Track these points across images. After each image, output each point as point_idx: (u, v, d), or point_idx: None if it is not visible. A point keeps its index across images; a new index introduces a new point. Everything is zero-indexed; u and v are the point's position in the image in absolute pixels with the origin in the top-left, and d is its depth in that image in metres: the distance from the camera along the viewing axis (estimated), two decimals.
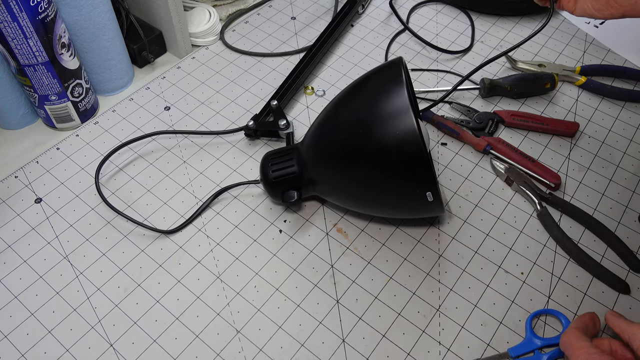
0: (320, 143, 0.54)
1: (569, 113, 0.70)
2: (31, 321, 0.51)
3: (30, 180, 0.62)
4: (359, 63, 0.76)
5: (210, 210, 0.60)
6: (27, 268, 0.54)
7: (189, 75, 0.74)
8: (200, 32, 0.77)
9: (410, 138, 0.46)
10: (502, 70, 0.76)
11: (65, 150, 0.65)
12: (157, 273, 0.54)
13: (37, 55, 0.58)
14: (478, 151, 0.65)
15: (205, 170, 0.63)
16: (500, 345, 0.50)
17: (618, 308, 0.53)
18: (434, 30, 0.81)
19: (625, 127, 0.69)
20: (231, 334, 0.51)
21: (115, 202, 0.59)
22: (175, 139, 0.66)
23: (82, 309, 0.52)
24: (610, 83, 0.74)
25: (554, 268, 0.56)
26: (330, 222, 0.59)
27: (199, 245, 0.57)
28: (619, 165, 0.65)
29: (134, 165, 0.63)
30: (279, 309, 0.52)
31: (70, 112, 0.65)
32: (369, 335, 0.51)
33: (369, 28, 0.82)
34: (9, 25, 0.54)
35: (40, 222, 0.58)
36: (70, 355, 0.49)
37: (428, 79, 0.74)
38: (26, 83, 0.61)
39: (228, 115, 0.69)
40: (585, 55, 0.78)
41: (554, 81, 0.70)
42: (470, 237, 0.58)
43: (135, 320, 0.51)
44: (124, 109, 0.69)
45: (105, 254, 0.56)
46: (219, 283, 0.54)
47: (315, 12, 0.84)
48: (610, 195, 0.62)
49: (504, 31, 0.82)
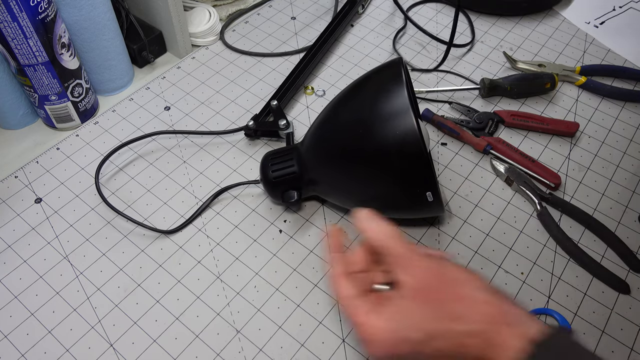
0: (320, 143, 0.54)
1: (569, 113, 0.70)
2: (31, 321, 0.51)
3: (30, 180, 0.62)
4: (359, 63, 0.76)
5: (210, 210, 0.60)
6: (27, 268, 0.54)
7: (189, 75, 0.74)
8: (200, 32, 0.77)
9: (410, 138, 0.46)
10: (502, 70, 0.76)
11: (65, 150, 0.65)
12: (157, 273, 0.54)
13: (37, 55, 0.58)
14: (478, 151, 0.65)
15: (205, 170, 0.63)
16: None
17: (618, 308, 0.53)
18: (434, 31, 0.81)
19: (625, 127, 0.69)
20: (231, 334, 0.51)
21: (115, 202, 0.59)
22: (175, 139, 0.66)
23: (82, 309, 0.52)
24: (610, 83, 0.74)
25: (554, 268, 0.56)
26: (330, 222, 0.59)
27: (199, 245, 0.57)
28: (619, 165, 0.65)
29: (134, 165, 0.63)
30: (279, 309, 0.52)
31: (70, 112, 0.65)
32: None
33: (369, 28, 0.82)
34: (9, 25, 0.54)
35: (40, 222, 0.58)
36: (70, 355, 0.49)
37: (428, 79, 0.74)
38: (26, 83, 0.61)
39: (228, 115, 0.69)
40: (585, 55, 0.78)
41: (554, 81, 0.70)
42: (470, 237, 0.58)
43: (135, 320, 0.51)
44: (124, 109, 0.69)
45: (105, 254, 0.56)
46: (219, 283, 0.54)
47: (315, 12, 0.84)
48: (610, 195, 0.62)
49: (504, 31, 0.82)
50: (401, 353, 0.37)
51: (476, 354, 0.35)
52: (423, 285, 0.37)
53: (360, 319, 0.38)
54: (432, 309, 0.36)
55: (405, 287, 0.37)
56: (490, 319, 0.35)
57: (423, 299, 0.37)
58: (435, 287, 0.37)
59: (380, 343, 0.37)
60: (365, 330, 0.37)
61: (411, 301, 0.37)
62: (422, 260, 0.38)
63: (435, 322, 0.36)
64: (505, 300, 0.37)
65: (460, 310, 0.36)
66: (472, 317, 0.36)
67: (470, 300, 0.36)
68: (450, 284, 0.37)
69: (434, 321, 0.36)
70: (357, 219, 0.41)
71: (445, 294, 0.37)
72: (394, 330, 0.37)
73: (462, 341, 0.36)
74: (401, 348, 0.36)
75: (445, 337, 0.36)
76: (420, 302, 0.37)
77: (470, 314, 0.36)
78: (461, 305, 0.36)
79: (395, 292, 0.38)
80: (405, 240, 0.39)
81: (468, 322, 0.36)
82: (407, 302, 0.37)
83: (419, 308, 0.37)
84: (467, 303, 0.36)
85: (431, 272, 0.38)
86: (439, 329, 0.36)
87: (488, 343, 0.35)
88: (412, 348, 0.36)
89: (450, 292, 0.37)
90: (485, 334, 0.35)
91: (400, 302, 0.37)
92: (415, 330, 0.36)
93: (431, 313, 0.36)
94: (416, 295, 0.37)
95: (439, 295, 0.37)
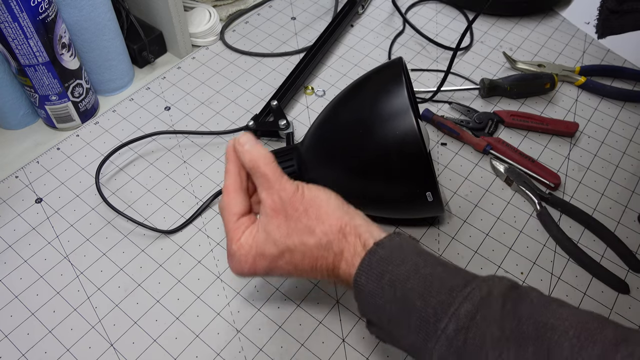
0: (320, 143, 0.54)
1: (568, 113, 0.70)
2: (32, 321, 0.51)
3: (30, 180, 0.62)
4: (359, 63, 0.76)
5: (210, 210, 0.60)
6: (27, 268, 0.54)
7: (189, 75, 0.74)
8: (201, 32, 0.77)
9: (410, 138, 0.47)
10: (501, 70, 0.76)
11: (65, 151, 0.65)
12: (157, 273, 0.54)
13: (38, 55, 0.58)
14: (478, 151, 0.66)
15: (206, 170, 0.63)
16: None
17: (618, 308, 0.53)
18: (433, 31, 0.81)
19: (625, 127, 0.69)
20: (231, 333, 0.51)
21: (116, 202, 0.60)
22: (176, 139, 0.66)
23: (82, 308, 0.52)
24: (610, 83, 0.74)
25: (553, 268, 0.56)
26: None
27: (199, 245, 0.57)
28: (619, 165, 0.65)
29: (134, 165, 0.63)
30: (279, 308, 0.52)
31: (70, 112, 0.65)
32: (369, 335, 0.50)
33: (369, 28, 0.82)
34: (10, 25, 0.54)
35: (40, 222, 0.58)
36: (70, 354, 0.49)
37: (428, 79, 0.75)
38: (27, 83, 0.61)
39: (228, 115, 0.69)
40: (585, 55, 0.78)
41: (553, 81, 0.70)
42: (470, 237, 0.58)
43: (135, 320, 0.51)
44: (124, 109, 0.70)
45: (105, 253, 0.56)
46: (219, 283, 0.54)
47: (315, 12, 0.85)
48: (610, 195, 0.62)
49: (504, 31, 0.82)
50: (259, 268, 0.40)
51: (327, 264, 0.39)
52: (281, 204, 0.40)
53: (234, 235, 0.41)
54: (287, 225, 0.40)
55: (265, 206, 0.40)
56: (337, 230, 0.39)
57: (280, 216, 0.40)
58: (292, 206, 0.40)
59: (240, 258, 0.40)
60: (232, 247, 0.41)
61: (269, 219, 0.40)
62: (287, 183, 0.41)
63: (289, 237, 0.39)
64: (356, 215, 0.41)
65: (313, 225, 0.39)
66: (323, 231, 0.39)
67: (323, 217, 0.40)
68: (307, 203, 0.40)
69: (288, 236, 0.39)
70: (236, 141, 0.42)
71: (301, 212, 0.40)
72: (252, 246, 0.40)
73: (313, 253, 0.39)
74: (259, 263, 0.40)
75: (298, 250, 0.39)
76: (277, 219, 0.40)
77: (321, 228, 0.39)
78: (314, 221, 0.39)
79: (260, 210, 0.41)
80: (277, 167, 0.41)
81: (318, 235, 0.39)
82: (265, 219, 0.40)
83: (275, 225, 0.40)
84: (320, 219, 0.39)
85: (291, 193, 0.40)
86: (292, 243, 0.39)
87: (336, 251, 0.39)
88: (270, 263, 0.40)
89: (306, 210, 0.40)
90: (331, 243, 0.39)
91: (261, 220, 0.41)
92: (271, 245, 0.40)
93: (286, 229, 0.39)
94: (274, 214, 0.40)
95: (295, 213, 0.40)
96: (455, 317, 0.33)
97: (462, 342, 0.32)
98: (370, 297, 0.37)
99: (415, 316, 0.35)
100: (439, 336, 0.33)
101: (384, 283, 0.36)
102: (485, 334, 0.32)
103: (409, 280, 0.36)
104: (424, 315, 0.34)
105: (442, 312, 0.33)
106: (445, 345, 0.33)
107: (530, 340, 0.31)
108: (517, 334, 0.32)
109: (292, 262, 0.40)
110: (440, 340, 0.33)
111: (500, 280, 0.35)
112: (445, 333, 0.33)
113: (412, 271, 0.36)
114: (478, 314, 0.33)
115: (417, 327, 0.35)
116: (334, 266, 0.39)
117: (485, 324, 0.32)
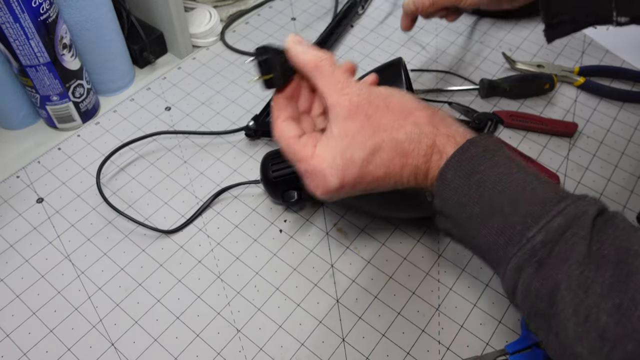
0: None
1: (567, 113, 0.71)
2: (33, 320, 0.51)
3: (31, 180, 0.62)
4: (358, 63, 0.77)
5: (210, 210, 0.60)
6: (28, 267, 0.55)
7: (190, 75, 0.74)
8: (201, 33, 0.77)
9: None
10: (501, 70, 0.76)
11: (66, 151, 0.65)
12: (157, 273, 0.55)
13: (39, 56, 0.58)
14: None
15: (206, 170, 0.63)
16: (499, 344, 0.50)
17: None
18: (433, 31, 0.81)
19: (624, 128, 0.69)
20: (232, 333, 0.51)
21: (116, 202, 0.60)
22: (176, 139, 0.66)
23: (83, 308, 0.52)
24: (609, 84, 0.74)
25: None
26: (330, 222, 0.59)
27: (200, 245, 0.57)
28: (618, 165, 0.65)
29: (134, 166, 0.64)
30: (279, 308, 0.53)
31: (71, 113, 0.65)
32: (368, 335, 0.51)
33: (369, 29, 0.82)
34: (11, 26, 0.54)
35: (41, 222, 0.58)
36: (71, 354, 0.49)
37: (428, 79, 0.75)
38: (28, 84, 0.61)
39: (228, 115, 0.69)
40: (584, 56, 0.78)
41: (552, 82, 0.71)
42: None
43: (136, 319, 0.51)
44: (125, 110, 0.70)
45: (106, 253, 0.56)
46: (219, 282, 0.54)
47: (316, 13, 0.85)
48: (609, 195, 0.62)
49: (503, 32, 0.82)
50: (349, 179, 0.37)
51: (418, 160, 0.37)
52: (356, 103, 0.37)
53: (305, 153, 0.37)
54: (370, 124, 0.37)
55: (339, 110, 0.37)
56: (427, 121, 0.37)
57: (360, 116, 0.37)
58: (372, 104, 0.37)
59: (325, 171, 0.36)
60: (310, 163, 0.37)
61: (347, 122, 0.37)
62: (352, 81, 0.38)
63: (377, 135, 0.36)
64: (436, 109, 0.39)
65: (399, 119, 0.37)
66: (413, 122, 0.37)
67: (404, 111, 0.37)
68: (383, 99, 0.38)
69: (375, 135, 0.36)
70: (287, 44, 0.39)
71: (382, 109, 0.37)
72: (335, 156, 0.36)
73: (404, 148, 0.37)
74: (348, 172, 0.36)
75: (389, 147, 0.36)
76: (357, 121, 0.37)
77: (411, 120, 0.37)
78: (399, 114, 0.37)
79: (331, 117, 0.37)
80: (335, 64, 0.38)
81: (408, 128, 0.37)
82: (343, 124, 0.37)
83: (357, 127, 0.37)
84: (402, 113, 0.37)
85: (362, 90, 0.38)
86: (381, 140, 0.36)
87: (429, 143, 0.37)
88: (360, 169, 0.36)
89: (387, 106, 0.37)
90: (423, 135, 0.37)
91: (336, 126, 0.37)
92: (359, 149, 0.36)
93: (370, 129, 0.36)
94: (352, 115, 0.37)
95: (377, 111, 0.37)
96: (546, 229, 0.32)
97: (547, 254, 0.32)
98: (454, 193, 0.36)
99: (500, 220, 0.34)
100: (524, 244, 0.33)
101: (471, 182, 0.35)
102: (572, 250, 0.32)
103: (500, 184, 0.35)
104: (511, 221, 0.33)
105: (532, 222, 0.33)
106: (529, 254, 0.32)
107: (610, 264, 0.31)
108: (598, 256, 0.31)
109: (383, 163, 0.37)
110: (524, 248, 0.33)
111: (594, 202, 0.35)
112: (531, 242, 0.32)
113: (504, 175, 0.35)
114: (569, 230, 0.32)
115: (499, 230, 0.34)
116: (426, 159, 0.37)
117: (574, 240, 0.32)
